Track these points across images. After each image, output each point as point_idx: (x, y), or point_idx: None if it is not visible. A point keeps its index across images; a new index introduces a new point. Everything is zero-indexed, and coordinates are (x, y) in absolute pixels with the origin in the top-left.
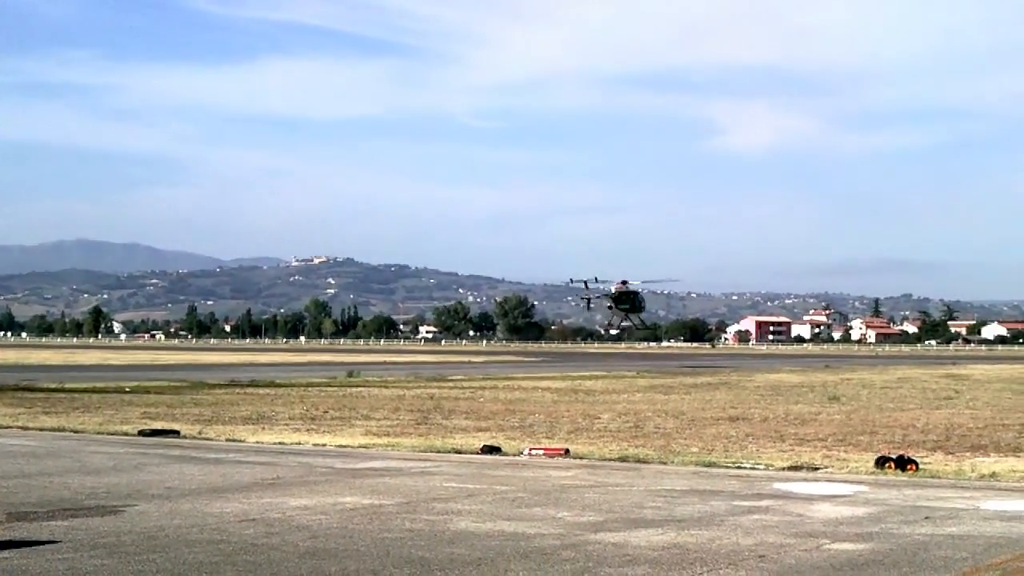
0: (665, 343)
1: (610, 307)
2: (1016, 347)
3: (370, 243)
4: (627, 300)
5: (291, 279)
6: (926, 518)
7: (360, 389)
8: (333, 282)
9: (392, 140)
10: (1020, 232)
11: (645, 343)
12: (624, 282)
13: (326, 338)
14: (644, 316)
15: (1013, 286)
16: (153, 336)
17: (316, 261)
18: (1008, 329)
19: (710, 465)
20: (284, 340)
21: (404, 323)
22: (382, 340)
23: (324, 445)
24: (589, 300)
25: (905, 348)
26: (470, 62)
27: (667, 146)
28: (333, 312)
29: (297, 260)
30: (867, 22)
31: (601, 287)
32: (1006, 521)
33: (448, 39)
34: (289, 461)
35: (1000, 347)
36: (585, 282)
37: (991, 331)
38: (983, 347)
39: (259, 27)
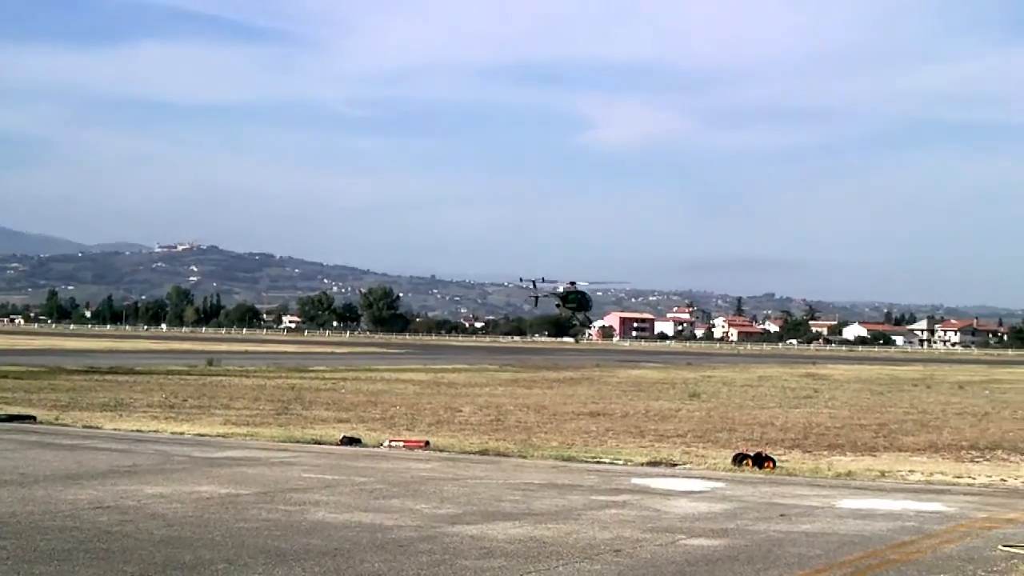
0: (529, 337)
1: (558, 305)
2: (876, 348)
3: (235, 231)
4: (574, 299)
5: (154, 266)
6: (781, 515)
7: (221, 378)
8: (196, 269)
9: (261, 127)
10: (882, 233)
11: (509, 337)
12: (572, 283)
13: (188, 326)
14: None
15: (875, 287)
16: (12, 320)
17: (180, 248)
18: (868, 330)
19: (569, 459)
20: (145, 327)
21: (267, 312)
22: (244, 329)
23: (182, 433)
24: (537, 298)
25: (767, 347)
26: (343, 50)
27: (538, 139)
28: (196, 300)
29: (160, 247)
30: (737, 21)
31: (548, 287)
32: (860, 519)
33: (322, 27)
34: (146, 449)
35: (860, 348)
36: (533, 281)
37: (852, 331)
38: (843, 347)
39: (130, 9)
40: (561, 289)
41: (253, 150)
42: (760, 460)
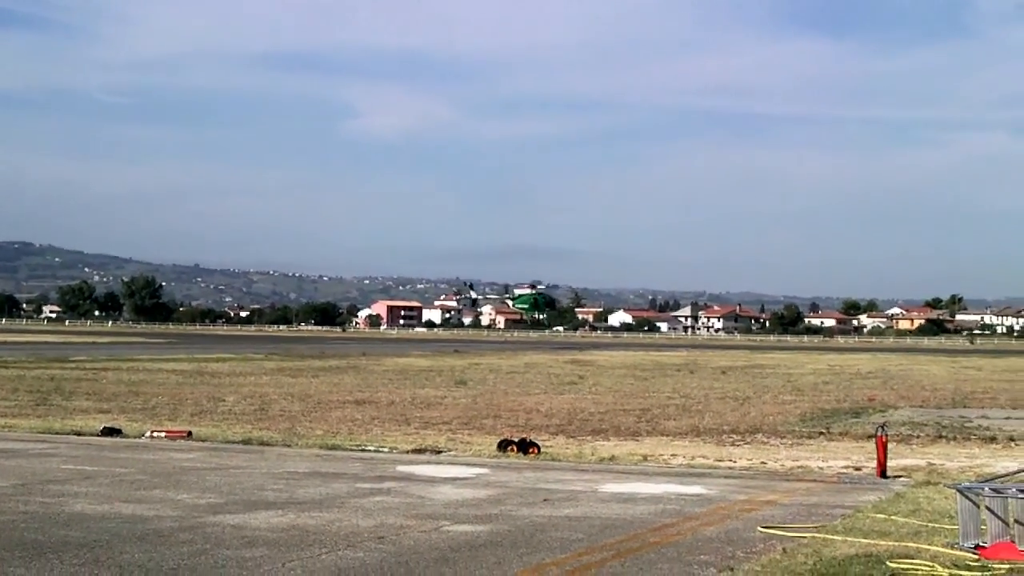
0: (296, 326)
1: (509, 305)
2: (641, 334)
3: None
4: (526, 300)
5: None
6: (545, 500)
7: None
8: None
9: (20, 114)
10: (646, 221)
11: (275, 326)
12: (533, 284)
13: None
14: None
15: (639, 275)
16: None
17: None
18: (633, 317)
19: (334, 448)
20: None
21: (27, 302)
22: (4, 320)
23: None
24: (475, 300)
25: (533, 334)
26: (106, 38)
27: (306, 127)
28: None
29: None
30: (508, 10)
31: (489, 289)
32: (622, 503)
33: (84, 14)
34: None
35: (625, 334)
36: (470, 285)
37: (617, 318)
38: (609, 334)
39: None
40: (517, 293)
41: (11, 138)
42: (525, 446)
